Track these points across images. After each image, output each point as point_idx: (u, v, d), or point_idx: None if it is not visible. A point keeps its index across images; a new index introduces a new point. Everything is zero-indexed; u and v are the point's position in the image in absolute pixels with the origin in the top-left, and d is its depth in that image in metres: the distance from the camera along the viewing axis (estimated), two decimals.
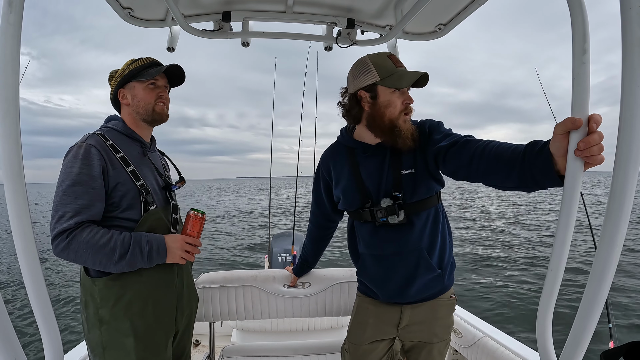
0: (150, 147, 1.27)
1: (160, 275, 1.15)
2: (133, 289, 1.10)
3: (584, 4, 0.67)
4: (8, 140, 0.66)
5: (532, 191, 0.87)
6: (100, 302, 1.08)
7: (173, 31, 1.63)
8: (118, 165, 1.11)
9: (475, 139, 1.03)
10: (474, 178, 0.99)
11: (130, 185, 1.11)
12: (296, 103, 4.40)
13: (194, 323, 1.38)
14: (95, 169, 1.05)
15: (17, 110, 0.67)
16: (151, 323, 1.12)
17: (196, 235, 1.18)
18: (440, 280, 1.22)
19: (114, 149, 1.12)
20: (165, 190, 1.25)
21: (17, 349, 0.64)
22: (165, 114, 1.24)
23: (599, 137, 0.66)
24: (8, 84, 0.65)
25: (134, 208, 1.12)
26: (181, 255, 1.13)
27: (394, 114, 1.14)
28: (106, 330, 1.08)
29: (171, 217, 1.23)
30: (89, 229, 1.02)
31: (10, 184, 0.67)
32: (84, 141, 1.09)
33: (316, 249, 1.58)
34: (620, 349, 0.70)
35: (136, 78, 1.19)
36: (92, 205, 1.04)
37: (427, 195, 1.19)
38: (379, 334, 1.30)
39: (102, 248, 1.02)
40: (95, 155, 1.06)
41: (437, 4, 1.39)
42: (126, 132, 1.20)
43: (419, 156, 1.17)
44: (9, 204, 0.68)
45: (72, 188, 1.02)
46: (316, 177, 1.42)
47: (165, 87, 1.24)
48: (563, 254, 0.69)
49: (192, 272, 1.36)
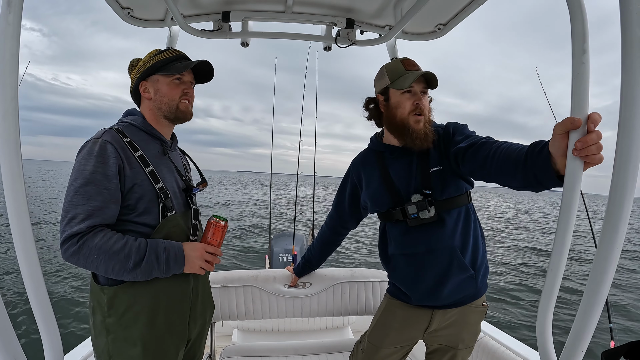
0: (171, 146, 1.18)
1: (174, 286, 1.07)
2: (144, 299, 1.02)
3: (583, 5, 0.67)
4: (8, 140, 0.66)
5: (539, 191, 0.88)
6: (107, 311, 1.01)
7: (172, 31, 1.63)
8: (136, 165, 1.02)
9: (492, 140, 1.05)
10: (489, 178, 1.02)
11: (148, 187, 1.03)
12: (300, 100, 4.40)
13: (207, 331, 1.30)
14: (110, 168, 0.97)
15: (16, 110, 0.67)
16: (161, 334, 1.05)
17: (217, 244, 1.10)
18: (474, 283, 1.21)
19: (132, 147, 1.03)
20: (185, 193, 1.16)
21: (17, 349, 0.64)
22: (189, 112, 1.15)
23: (597, 136, 0.66)
24: (7, 83, 0.65)
25: (150, 212, 1.03)
26: (200, 265, 1.05)
27: (404, 114, 1.20)
28: (113, 339, 1.01)
29: (191, 223, 1.14)
30: (102, 233, 0.95)
31: (10, 183, 0.67)
32: (100, 137, 1.00)
33: (323, 252, 1.59)
34: (621, 349, 0.70)
35: (161, 71, 1.10)
36: (106, 207, 0.96)
37: (457, 193, 1.21)
38: (402, 339, 1.30)
39: (115, 254, 0.94)
40: (112, 152, 0.98)
41: (436, 4, 1.39)
42: (146, 128, 1.11)
43: (444, 155, 1.20)
44: (8, 204, 0.67)
45: (84, 188, 0.94)
46: (344, 181, 1.45)
47: (191, 83, 1.16)
48: (563, 254, 0.69)
49: (209, 280, 1.29)
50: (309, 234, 4.08)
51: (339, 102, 47.15)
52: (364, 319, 2.63)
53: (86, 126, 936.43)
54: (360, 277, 1.73)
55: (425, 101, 1.22)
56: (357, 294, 1.71)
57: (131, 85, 1.16)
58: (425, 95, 1.23)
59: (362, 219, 1.48)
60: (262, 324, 2.49)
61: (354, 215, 1.45)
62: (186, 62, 1.12)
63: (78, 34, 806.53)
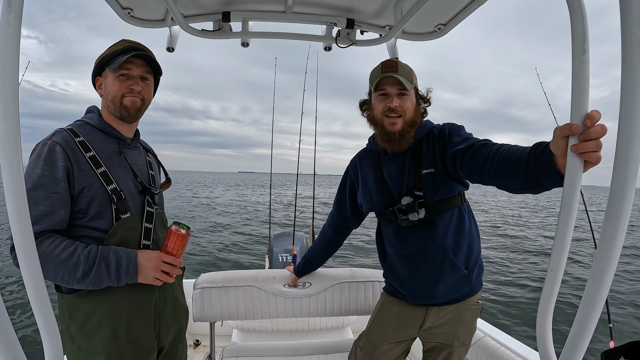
0: (130, 144, 1.12)
1: (133, 295, 1.01)
2: (103, 309, 0.98)
3: (583, 4, 0.67)
4: (8, 140, 0.66)
5: (538, 193, 0.88)
6: (69, 320, 0.98)
7: (172, 31, 1.63)
8: (86, 166, 0.97)
9: (491, 142, 1.05)
10: (487, 180, 1.02)
11: (99, 189, 0.98)
12: (299, 100, 4.41)
13: (184, 335, 1.25)
14: (58, 171, 0.93)
15: (17, 110, 0.67)
16: (125, 343, 1.00)
17: (177, 254, 1.02)
18: (467, 282, 1.23)
19: (84, 147, 0.99)
20: (144, 195, 1.09)
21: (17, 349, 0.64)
22: (135, 108, 1.07)
23: (594, 132, 0.65)
24: (7, 84, 0.65)
25: (103, 216, 0.98)
26: (155, 276, 0.99)
27: (377, 115, 1.24)
28: (77, 348, 0.98)
29: (143, 227, 1.06)
30: (49, 240, 0.90)
31: (10, 184, 0.67)
32: (50, 138, 0.96)
33: (325, 252, 1.60)
34: (621, 349, 0.70)
35: (108, 66, 1.04)
36: (54, 212, 0.92)
37: (449, 195, 1.21)
38: (399, 335, 1.31)
39: (63, 263, 0.89)
40: (60, 154, 0.94)
41: (436, 4, 1.39)
42: (101, 126, 1.06)
43: (438, 157, 1.20)
44: (8, 204, 0.67)
45: (32, 192, 0.90)
46: (343, 180, 1.47)
47: (142, 77, 1.08)
48: (563, 254, 0.69)
49: (181, 284, 1.22)
50: (309, 234, 4.08)
51: (337, 100, 46.42)
52: (363, 319, 2.63)
53: None
54: (360, 277, 1.73)
55: (404, 102, 1.21)
56: (357, 294, 1.71)
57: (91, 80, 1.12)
58: (405, 96, 1.22)
59: (363, 218, 1.49)
60: (261, 324, 2.49)
61: (355, 214, 1.46)
62: (128, 55, 1.03)
63: (74, 40, 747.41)
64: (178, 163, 54.43)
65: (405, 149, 1.25)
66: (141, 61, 1.07)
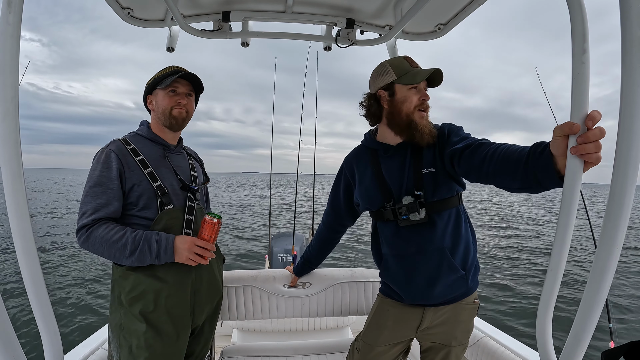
0: (174, 150, 1.34)
1: (174, 273, 1.21)
2: (147, 282, 1.18)
3: (583, 4, 0.67)
4: (8, 140, 0.66)
5: (537, 192, 0.88)
6: (120, 287, 1.19)
7: (172, 31, 1.63)
8: (135, 168, 1.20)
9: (489, 142, 1.05)
10: (485, 180, 1.01)
11: (147, 186, 1.20)
12: (301, 101, 4.41)
13: (218, 315, 1.44)
14: (113, 172, 1.17)
15: (16, 110, 0.67)
16: (162, 314, 1.18)
17: (209, 239, 1.19)
18: (464, 282, 1.23)
19: (134, 153, 1.22)
20: (186, 191, 1.29)
21: (17, 349, 0.64)
22: (181, 118, 1.30)
23: (593, 135, 0.65)
24: (7, 84, 0.65)
25: (150, 207, 1.21)
26: (189, 257, 1.16)
27: (410, 108, 1.21)
28: (125, 313, 1.18)
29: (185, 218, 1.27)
30: (105, 225, 1.13)
31: (10, 184, 0.67)
32: (107, 146, 1.22)
33: (322, 251, 1.59)
34: (621, 349, 0.70)
35: (159, 85, 1.28)
36: (110, 204, 1.16)
37: (448, 195, 1.21)
38: (395, 337, 1.31)
39: (115, 243, 1.11)
40: (114, 159, 1.18)
41: (436, 4, 1.39)
42: (150, 136, 1.30)
43: (438, 156, 1.20)
44: (8, 205, 0.67)
45: (93, 189, 1.15)
46: (337, 178, 1.45)
47: (187, 94, 1.31)
48: (563, 254, 0.69)
49: (220, 269, 1.43)
50: (309, 234, 4.08)
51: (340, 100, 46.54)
52: (363, 319, 2.61)
53: (89, 133, 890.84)
54: (360, 277, 1.73)
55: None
56: (356, 294, 1.71)
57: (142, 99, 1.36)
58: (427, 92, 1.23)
59: (358, 215, 1.48)
60: (261, 324, 2.49)
61: (350, 212, 1.44)
62: (175, 76, 1.26)
63: (77, 42, 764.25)
64: None
65: (406, 147, 1.24)
66: (185, 81, 1.30)
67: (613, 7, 1.25)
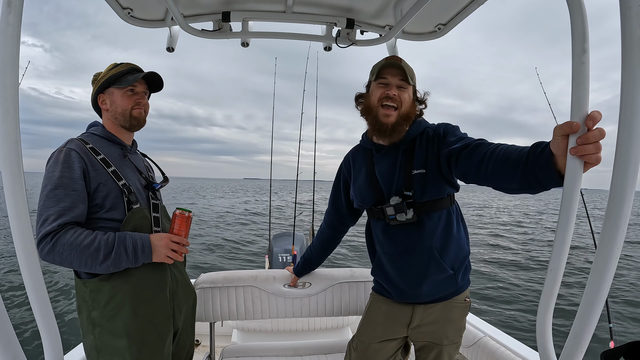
0: (131, 149, 1.29)
1: (151, 274, 1.15)
2: (124, 289, 1.10)
3: (583, 4, 0.67)
4: (8, 140, 0.66)
5: (536, 193, 0.87)
6: (92, 304, 1.08)
7: (172, 31, 1.63)
8: (99, 167, 1.13)
9: (487, 142, 1.04)
10: (483, 180, 1.00)
11: (112, 185, 1.13)
12: (301, 107, 4.40)
13: (194, 321, 1.38)
14: (75, 172, 1.07)
15: (16, 110, 0.67)
16: (145, 323, 1.11)
17: (183, 234, 1.16)
18: (453, 282, 1.23)
19: (94, 152, 1.14)
20: (148, 190, 1.25)
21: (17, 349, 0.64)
22: (142, 119, 1.26)
23: (598, 134, 0.65)
24: (7, 84, 0.65)
25: (117, 208, 1.13)
26: (167, 254, 1.12)
27: (373, 102, 1.22)
28: (99, 333, 1.08)
29: (151, 216, 1.22)
30: (72, 230, 1.03)
31: (10, 184, 0.67)
32: (64, 146, 1.12)
33: (323, 251, 1.60)
34: (621, 349, 0.70)
35: (115, 84, 1.21)
36: (75, 207, 1.05)
37: (438, 197, 1.21)
38: (388, 333, 1.31)
39: (86, 249, 1.02)
40: (75, 158, 1.09)
41: (436, 4, 1.39)
42: (106, 135, 1.23)
43: (431, 157, 1.19)
44: (8, 205, 0.67)
45: (54, 192, 1.04)
46: (337, 176, 1.47)
47: (144, 93, 1.26)
48: (563, 254, 0.69)
49: (185, 270, 1.36)
50: (309, 234, 4.08)
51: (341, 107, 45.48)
52: None
53: None
54: (360, 277, 1.73)
55: (402, 93, 1.20)
56: (356, 294, 1.71)
57: (91, 97, 1.26)
58: (404, 89, 1.21)
59: (360, 214, 1.49)
60: (261, 324, 2.49)
61: (351, 210, 1.46)
62: (137, 74, 1.22)
63: (79, 48, 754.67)
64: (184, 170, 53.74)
65: (398, 147, 1.24)
66: (142, 80, 1.24)
67: (610, 10, 1.24)
